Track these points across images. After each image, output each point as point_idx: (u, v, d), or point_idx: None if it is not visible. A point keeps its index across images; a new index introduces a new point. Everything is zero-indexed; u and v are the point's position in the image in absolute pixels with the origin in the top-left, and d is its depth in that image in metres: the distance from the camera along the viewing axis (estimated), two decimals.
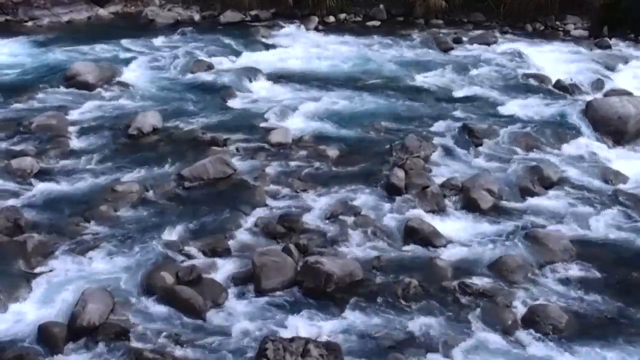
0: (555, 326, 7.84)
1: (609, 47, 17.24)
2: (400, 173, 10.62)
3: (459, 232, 9.63)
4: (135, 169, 11.00)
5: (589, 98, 13.80)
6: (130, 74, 14.97)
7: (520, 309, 8.15)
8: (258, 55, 16.50)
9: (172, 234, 9.36)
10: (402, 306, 8.16)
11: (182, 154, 11.50)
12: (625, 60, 16.44)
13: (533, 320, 7.93)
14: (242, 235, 9.45)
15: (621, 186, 10.89)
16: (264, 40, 17.76)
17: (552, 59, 16.38)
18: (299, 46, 17.30)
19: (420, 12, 19.66)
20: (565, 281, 8.70)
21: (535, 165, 11.17)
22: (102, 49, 16.40)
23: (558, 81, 14.79)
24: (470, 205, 10.16)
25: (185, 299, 8.07)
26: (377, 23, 19.57)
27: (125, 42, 16.99)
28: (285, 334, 7.61)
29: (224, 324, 7.87)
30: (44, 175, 10.81)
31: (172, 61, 15.64)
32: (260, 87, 14.59)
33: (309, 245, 9.15)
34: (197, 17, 19.85)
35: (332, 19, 19.69)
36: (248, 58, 16.26)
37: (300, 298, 8.29)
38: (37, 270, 8.62)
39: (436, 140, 12.14)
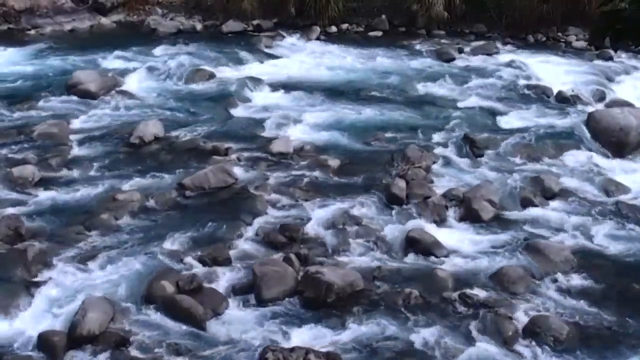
0: (557, 337, 7.82)
1: (610, 58, 17.27)
2: (402, 183, 10.62)
3: (460, 243, 9.62)
4: (137, 178, 11.00)
5: (590, 109, 13.83)
6: (132, 83, 14.99)
7: (521, 320, 8.12)
8: (260, 65, 16.53)
9: (172, 243, 9.35)
10: (403, 316, 8.14)
11: (184, 163, 11.52)
12: (627, 72, 16.49)
13: (534, 331, 7.91)
14: (243, 245, 9.44)
15: (622, 197, 10.88)
16: (266, 50, 17.80)
17: (554, 70, 16.41)
18: (301, 56, 17.34)
19: (422, 22, 19.71)
20: (567, 292, 8.68)
21: (537, 176, 11.18)
22: (104, 58, 16.41)
23: (559, 92, 14.80)
24: (471, 216, 10.16)
25: (185, 308, 8.06)
26: (379, 33, 19.61)
27: (127, 51, 17.00)
28: (286, 343, 7.61)
29: (224, 334, 7.85)
30: (45, 183, 10.81)
31: (174, 70, 15.65)
32: (262, 97, 14.60)
33: (309, 255, 9.14)
34: (199, 26, 19.89)
35: (334, 29, 19.74)
36: (250, 67, 16.30)
37: (300, 308, 8.28)
38: (38, 278, 8.61)
39: (437, 150, 12.15)
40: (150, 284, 8.44)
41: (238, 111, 13.88)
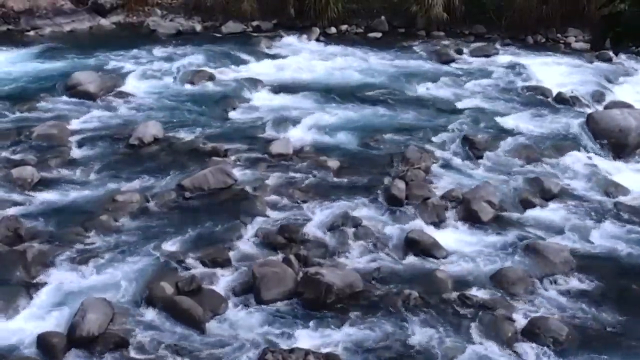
0: (556, 339, 7.83)
1: (610, 59, 17.23)
2: (401, 184, 10.62)
3: (459, 244, 9.63)
4: (136, 179, 11.00)
5: (589, 110, 13.83)
6: (132, 84, 14.96)
7: (520, 321, 8.14)
8: (259, 66, 16.49)
9: (172, 244, 9.35)
10: (402, 317, 8.15)
11: (183, 164, 11.51)
12: (627, 73, 16.47)
13: (533, 332, 7.92)
14: (243, 246, 9.44)
15: (621, 198, 10.88)
16: (265, 50, 17.76)
17: (553, 71, 16.39)
18: (300, 57, 17.28)
19: (422, 23, 19.66)
20: (566, 293, 8.70)
21: (536, 177, 11.18)
22: (103, 59, 16.37)
23: (559, 93, 14.80)
24: (470, 217, 10.16)
25: (185, 309, 8.07)
26: (378, 34, 19.57)
27: (126, 52, 16.95)
28: (285, 345, 7.62)
29: (223, 335, 7.86)
30: (44, 184, 10.81)
31: (173, 71, 15.63)
32: (262, 98, 14.58)
33: (309, 256, 9.14)
34: (198, 27, 19.86)
35: (333, 30, 19.70)
36: (249, 69, 16.27)
37: (300, 309, 8.29)
38: (37, 279, 8.62)
39: (437, 151, 12.15)
40: (150, 285, 8.45)
41: (237, 112, 13.87)
